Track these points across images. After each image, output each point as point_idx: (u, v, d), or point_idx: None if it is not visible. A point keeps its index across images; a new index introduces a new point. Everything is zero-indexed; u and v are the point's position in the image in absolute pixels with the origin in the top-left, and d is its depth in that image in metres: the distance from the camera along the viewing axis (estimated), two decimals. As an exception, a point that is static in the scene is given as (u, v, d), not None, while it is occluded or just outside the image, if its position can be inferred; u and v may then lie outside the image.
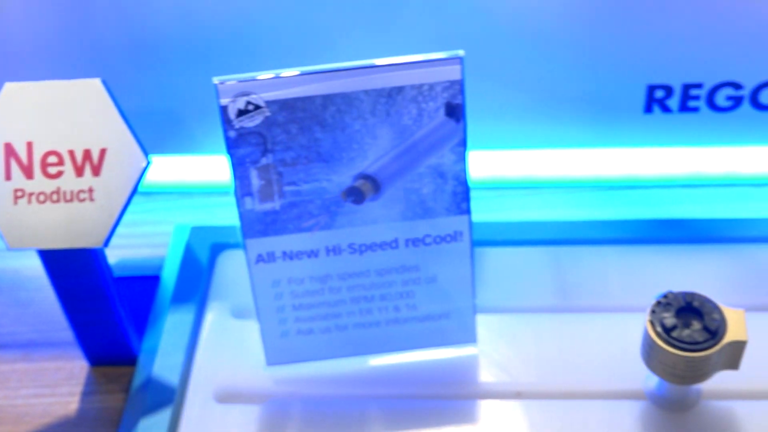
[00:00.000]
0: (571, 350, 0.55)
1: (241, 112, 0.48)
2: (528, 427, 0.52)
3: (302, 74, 0.47)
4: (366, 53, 0.50)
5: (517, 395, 0.54)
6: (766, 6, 0.55)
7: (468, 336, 0.55)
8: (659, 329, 0.49)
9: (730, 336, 0.48)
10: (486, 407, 0.53)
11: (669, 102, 0.59)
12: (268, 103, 0.48)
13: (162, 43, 0.59)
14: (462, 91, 0.48)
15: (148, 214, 0.67)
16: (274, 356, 0.55)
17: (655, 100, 0.58)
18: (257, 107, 0.48)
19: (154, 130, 0.63)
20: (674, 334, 0.48)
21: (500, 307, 0.58)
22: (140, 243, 0.65)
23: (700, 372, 0.49)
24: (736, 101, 0.58)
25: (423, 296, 0.53)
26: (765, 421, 0.51)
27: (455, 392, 0.54)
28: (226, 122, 0.48)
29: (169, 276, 0.60)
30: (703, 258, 0.59)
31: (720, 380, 0.52)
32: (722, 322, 0.48)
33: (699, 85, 0.58)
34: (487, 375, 0.54)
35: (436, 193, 0.50)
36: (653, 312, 0.49)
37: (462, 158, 0.50)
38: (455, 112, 0.49)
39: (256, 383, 0.55)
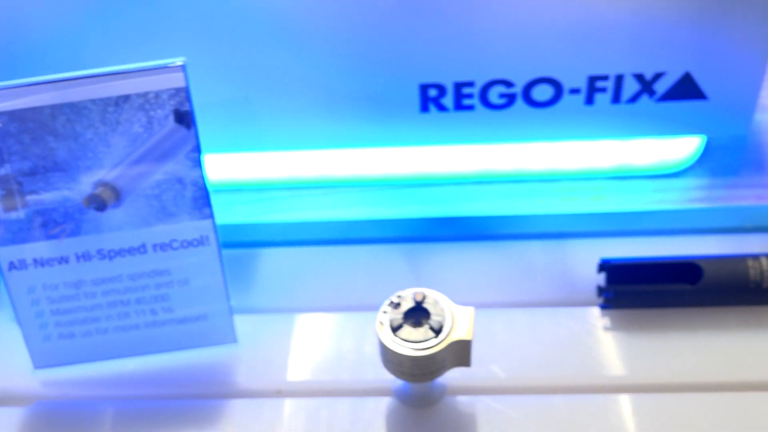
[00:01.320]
0: (330, 349, 0.56)
1: (-28, 124, 0.49)
2: (284, 425, 0.53)
3: (27, 85, 0.48)
4: (130, 59, 0.51)
5: (277, 393, 0.55)
6: (532, 4, 0.55)
7: (227, 336, 0.56)
8: (387, 329, 0.49)
9: (455, 335, 0.49)
10: (245, 405, 0.54)
11: (443, 101, 0.59)
12: (-3, 114, 0.49)
13: None
14: (189, 98, 0.49)
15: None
16: (40, 360, 0.56)
17: (430, 99, 0.59)
18: (-13, 119, 0.49)
19: None
20: (399, 333, 0.49)
21: (268, 308, 0.58)
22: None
23: (428, 370, 0.49)
24: (510, 98, 0.59)
25: (178, 299, 0.54)
26: (503, 414, 0.52)
27: (216, 391, 0.55)
28: (-42, 134, 0.49)
29: (-37, 281, 0.62)
30: (482, 255, 0.60)
31: (467, 376, 0.53)
32: (448, 321, 0.49)
33: (471, 84, 0.58)
34: (247, 374, 0.55)
35: (177, 199, 0.51)
36: (384, 312, 0.50)
37: (198, 164, 0.51)
38: (184, 119, 0.49)
39: (25, 386, 0.56)
